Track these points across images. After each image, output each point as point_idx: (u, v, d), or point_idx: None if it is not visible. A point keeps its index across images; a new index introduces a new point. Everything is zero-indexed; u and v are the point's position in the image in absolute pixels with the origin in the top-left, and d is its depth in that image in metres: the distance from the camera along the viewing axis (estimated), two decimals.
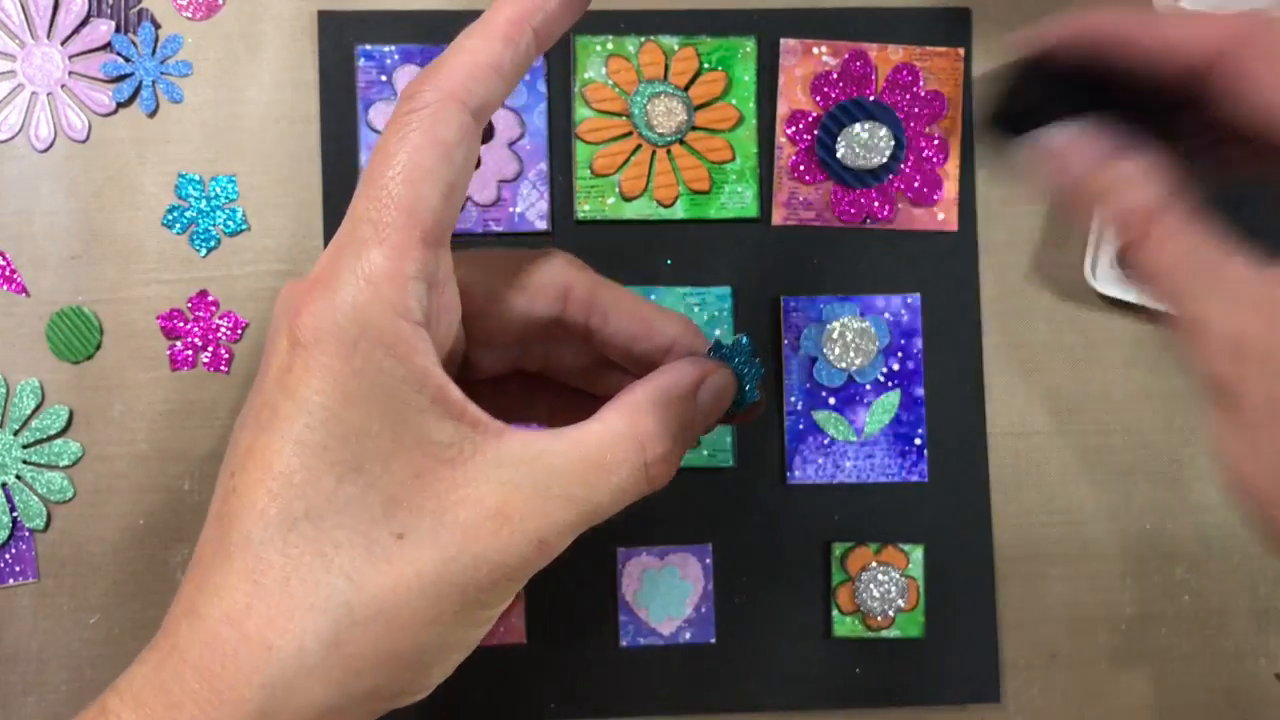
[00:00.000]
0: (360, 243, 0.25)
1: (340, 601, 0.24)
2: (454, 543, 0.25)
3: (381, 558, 0.24)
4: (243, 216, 0.44)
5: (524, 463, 0.26)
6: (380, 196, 0.25)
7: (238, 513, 0.25)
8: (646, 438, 0.27)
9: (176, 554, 0.43)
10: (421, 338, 0.25)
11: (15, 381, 0.43)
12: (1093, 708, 0.45)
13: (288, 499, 0.24)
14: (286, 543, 0.24)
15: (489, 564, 0.25)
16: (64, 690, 0.42)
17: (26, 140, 0.43)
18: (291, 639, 0.24)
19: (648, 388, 0.28)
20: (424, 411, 0.25)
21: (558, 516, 0.26)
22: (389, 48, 0.44)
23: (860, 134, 0.44)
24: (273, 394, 0.25)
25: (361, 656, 0.24)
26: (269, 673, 0.24)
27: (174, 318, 0.43)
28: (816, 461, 0.44)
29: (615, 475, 0.27)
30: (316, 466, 0.24)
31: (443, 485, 0.25)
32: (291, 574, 0.24)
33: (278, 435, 0.25)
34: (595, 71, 0.44)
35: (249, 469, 0.25)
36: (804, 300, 0.45)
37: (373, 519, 0.25)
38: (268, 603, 0.24)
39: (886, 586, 0.44)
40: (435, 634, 0.25)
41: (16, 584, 0.43)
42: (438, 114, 0.26)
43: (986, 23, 0.45)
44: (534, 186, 0.44)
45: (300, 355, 0.25)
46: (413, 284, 0.25)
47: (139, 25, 0.43)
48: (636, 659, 0.44)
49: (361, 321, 0.24)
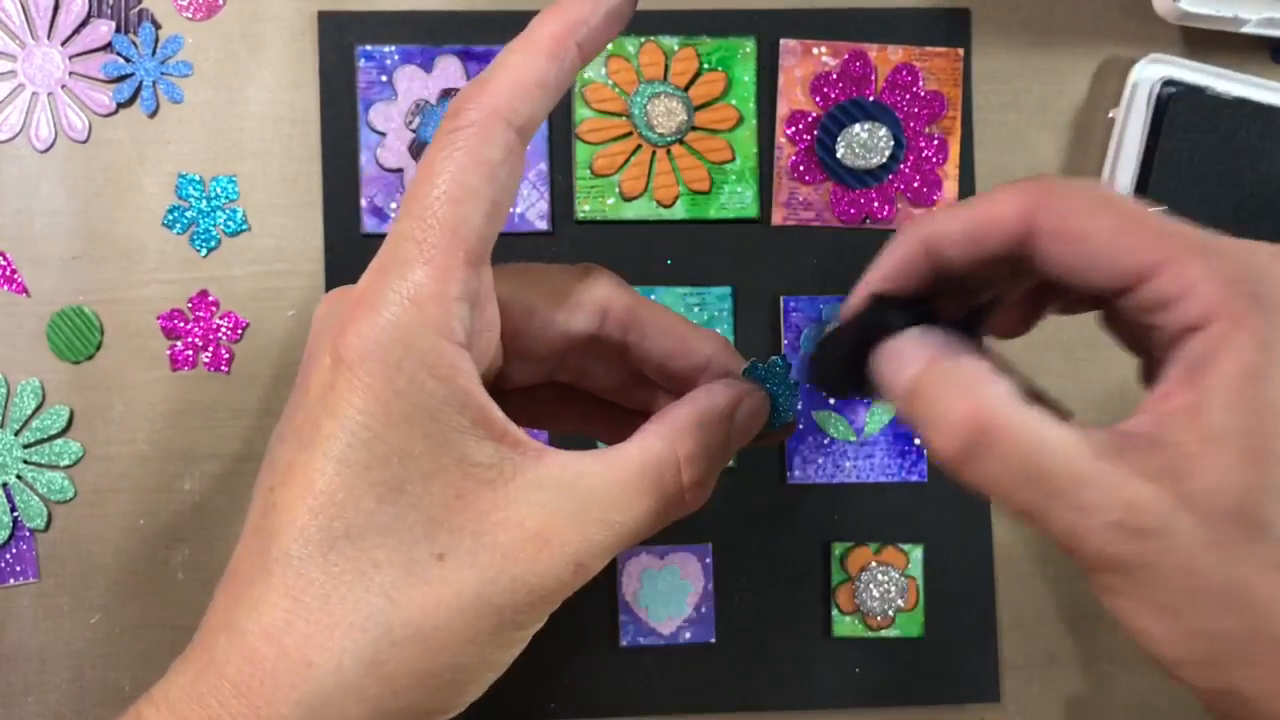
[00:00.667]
0: (404, 262, 0.25)
1: (380, 621, 0.24)
2: (493, 564, 0.25)
3: (421, 578, 0.24)
4: (243, 217, 0.44)
5: (563, 485, 0.26)
6: (424, 216, 0.25)
7: (277, 529, 0.25)
8: (685, 461, 0.27)
9: (177, 554, 0.43)
10: (464, 359, 0.25)
11: (16, 381, 0.43)
12: (1093, 708, 0.45)
13: (329, 517, 0.24)
14: (327, 560, 0.24)
15: (527, 586, 0.25)
16: (64, 690, 0.42)
17: (27, 140, 0.43)
18: (330, 657, 0.24)
19: (685, 410, 0.28)
20: (465, 433, 0.25)
21: (596, 539, 0.26)
22: (389, 48, 0.44)
23: (860, 134, 0.44)
24: (315, 410, 0.25)
25: (400, 676, 0.24)
26: (307, 690, 0.24)
27: (174, 318, 0.43)
28: (816, 461, 0.44)
29: (653, 499, 0.27)
30: (358, 486, 0.25)
31: (483, 506, 0.25)
32: (331, 592, 0.24)
33: (319, 453, 0.25)
34: (595, 71, 0.44)
35: (289, 485, 0.25)
36: (804, 300, 0.45)
37: (413, 539, 0.25)
38: (307, 620, 0.24)
39: (886, 586, 0.44)
40: (472, 654, 0.25)
41: (17, 584, 0.43)
42: (482, 132, 0.26)
43: (986, 23, 0.45)
44: (534, 186, 0.44)
45: (344, 374, 0.25)
46: (456, 305, 0.25)
47: (139, 25, 0.43)
48: (636, 659, 0.44)
49: (405, 343, 0.24)
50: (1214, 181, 0.43)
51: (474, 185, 0.25)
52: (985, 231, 0.26)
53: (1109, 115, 0.45)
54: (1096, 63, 0.46)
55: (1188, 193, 0.43)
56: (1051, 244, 0.25)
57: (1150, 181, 0.43)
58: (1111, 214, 0.24)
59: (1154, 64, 0.44)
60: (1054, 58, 0.46)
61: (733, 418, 0.29)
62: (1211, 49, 0.45)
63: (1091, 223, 0.24)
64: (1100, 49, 0.46)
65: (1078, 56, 0.46)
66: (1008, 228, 0.25)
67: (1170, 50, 0.45)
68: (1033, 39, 0.46)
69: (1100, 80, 0.46)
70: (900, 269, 0.28)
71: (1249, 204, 0.43)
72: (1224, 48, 0.45)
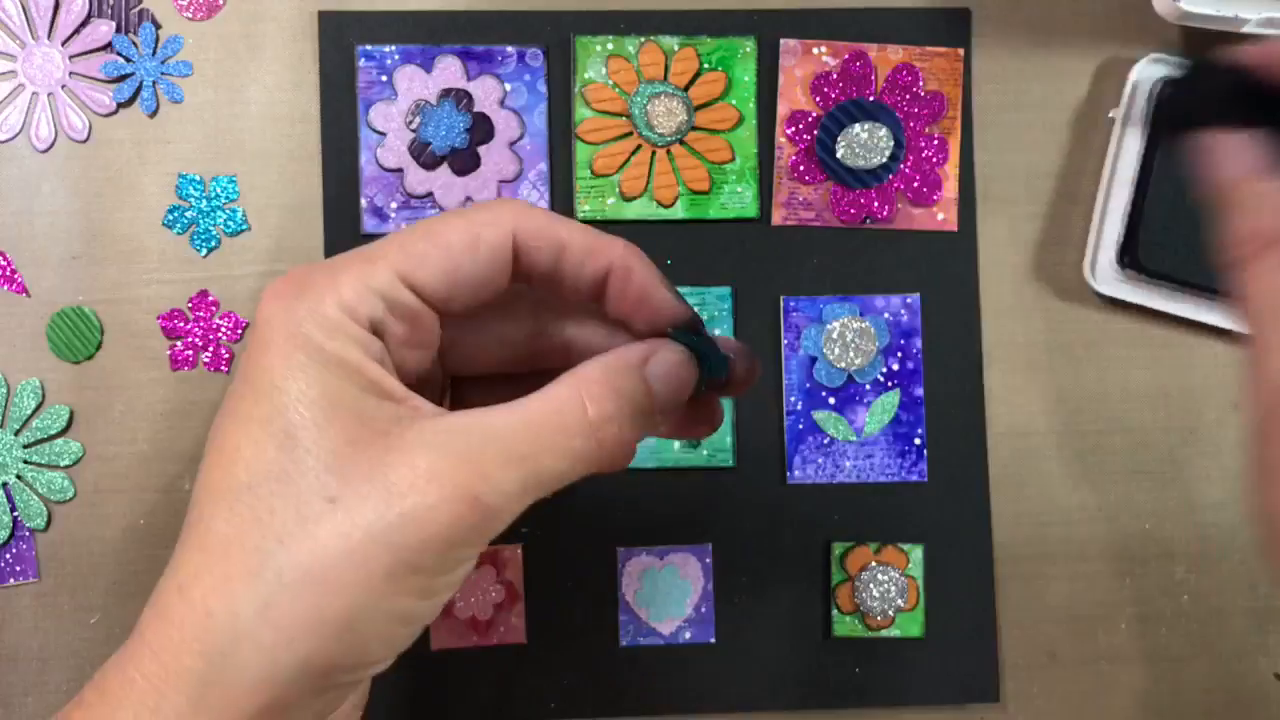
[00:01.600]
0: (349, 256, 0.27)
1: (273, 565, 0.24)
2: (382, 502, 0.25)
3: (312, 520, 0.25)
4: (243, 216, 0.44)
5: (459, 429, 0.26)
6: (397, 235, 0.28)
7: (198, 494, 0.26)
8: (589, 398, 0.27)
9: None
10: (368, 341, 0.26)
11: (16, 381, 0.43)
12: (1093, 708, 0.45)
13: (234, 471, 0.25)
14: (232, 512, 0.25)
15: (416, 521, 0.25)
16: (64, 690, 0.42)
17: (27, 140, 0.43)
18: (227, 604, 0.24)
19: (593, 360, 0.29)
20: (364, 391, 0.26)
21: (495, 475, 0.26)
22: (389, 48, 0.44)
23: (860, 134, 0.44)
24: (235, 379, 0.27)
25: (292, 623, 0.24)
26: (208, 640, 0.24)
27: (174, 318, 0.43)
28: (816, 461, 0.44)
29: (560, 435, 0.27)
30: (259, 438, 0.25)
31: (376, 451, 0.25)
32: (232, 541, 0.25)
33: (231, 415, 0.26)
34: (595, 72, 0.44)
35: (209, 452, 0.26)
36: (804, 300, 0.45)
37: (306, 485, 0.25)
38: (211, 570, 0.25)
39: (886, 586, 0.44)
40: (366, 599, 0.25)
41: (17, 584, 0.43)
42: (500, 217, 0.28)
43: (987, 23, 0.45)
44: (534, 186, 0.44)
45: (254, 335, 0.26)
46: (370, 295, 0.27)
47: (139, 25, 0.43)
48: (636, 659, 0.44)
49: (312, 306, 0.26)
50: None
51: (449, 242, 0.28)
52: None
53: (1109, 115, 0.45)
54: (1096, 63, 0.46)
55: (1187, 192, 0.43)
56: None
57: (1150, 181, 0.43)
58: None
59: (1154, 64, 0.44)
60: (1054, 58, 0.46)
61: (644, 367, 0.29)
62: (1211, 49, 0.45)
63: None
64: (1100, 49, 0.46)
65: (1078, 56, 0.46)
66: None
67: (1170, 50, 0.45)
68: (1033, 39, 0.46)
69: (1100, 80, 0.46)
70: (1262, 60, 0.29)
71: None
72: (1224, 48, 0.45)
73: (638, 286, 0.30)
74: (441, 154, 0.44)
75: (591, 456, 0.27)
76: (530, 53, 0.44)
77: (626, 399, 0.28)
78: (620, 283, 0.30)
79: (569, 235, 0.29)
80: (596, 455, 0.27)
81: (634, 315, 0.31)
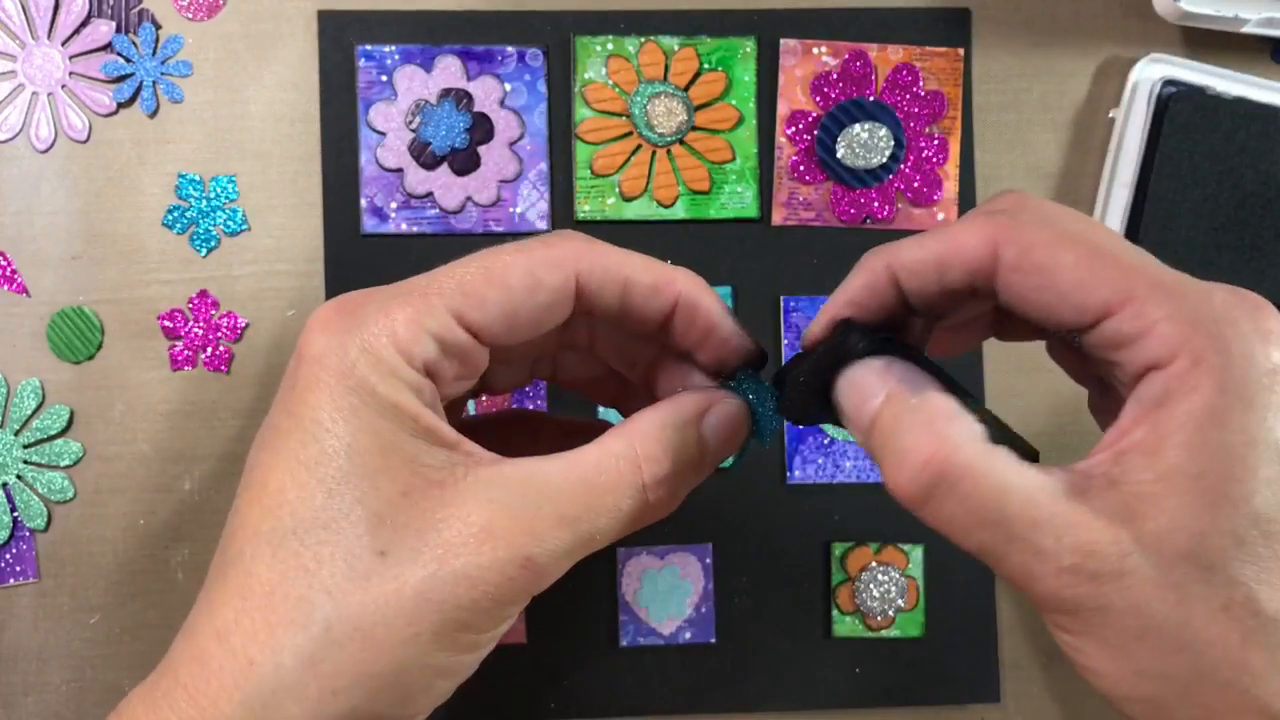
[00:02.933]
0: (397, 293, 0.26)
1: (320, 618, 0.24)
2: (435, 559, 0.24)
3: (362, 574, 0.24)
4: (243, 216, 0.44)
5: (514, 483, 0.26)
6: (453, 269, 0.27)
7: (235, 531, 0.25)
8: (644, 459, 0.27)
9: (176, 554, 0.43)
10: (420, 383, 0.26)
11: (16, 381, 0.43)
12: (1093, 708, 0.45)
13: (278, 515, 0.25)
14: (275, 558, 0.24)
15: (469, 580, 0.24)
16: (64, 690, 0.42)
17: (27, 140, 0.43)
18: (271, 655, 0.24)
19: (649, 413, 0.28)
20: (416, 437, 0.25)
21: (548, 536, 0.25)
22: (389, 48, 0.44)
23: (860, 134, 0.44)
24: (276, 412, 0.26)
25: (339, 675, 0.24)
26: (248, 689, 0.24)
27: (174, 318, 0.43)
28: (816, 461, 0.44)
29: (611, 496, 0.26)
30: (308, 482, 0.25)
31: (429, 504, 0.25)
32: (276, 589, 0.24)
33: (275, 451, 0.25)
34: (595, 72, 0.44)
35: (249, 486, 0.25)
36: (804, 300, 0.45)
37: (357, 535, 0.24)
38: (253, 618, 0.24)
39: (886, 586, 0.44)
40: (413, 654, 0.24)
41: (17, 584, 0.43)
42: (554, 259, 0.27)
43: (987, 23, 0.45)
44: (534, 186, 0.44)
45: (303, 370, 0.25)
46: (425, 336, 0.26)
47: (139, 25, 0.43)
48: (636, 659, 0.44)
49: (363, 345, 0.25)
50: (1214, 181, 0.43)
51: (510, 284, 0.26)
52: (949, 262, 0.26)
53: (1109, 115, 0.45)
54: (1097, 63, 0.46)
55: (1188, 193, 0.43)
56: (1014, 277, 0.25)
57: (1150, 181, 0.43)
58: (1075, 249, 0.24)
59: (1154, 64, 0.44)
60: (1054, 58, 0.46)
61: (700, 422, 0.29)
62: (1212, 49, 0.45)
63: (1055, 258, 0.24)
64: (1100, 49, 0.46)
65: (1078, 56, 0.46)
66: (971, 259, 0.25)
67: (1170, 50, 0.45)
68: (1033, 39, 0.46)
69: (1100, 80, 0.46)
70: (864, 295, 0.27)
71: (1249, 204, 0.43)
72: (1224, 48, 0.45)
73: (704, 322, 0.29)
74: (441, 154, 0.44)
75: (642, 515, 0.27)
76: (530, 53, 0.44)
77: (681, 458, 0.28)
78: (686, 318, 0.29)
79: (633, 272, 0.28)
80: (647, 514, 0.27)
81: (698, 349, 0.30)
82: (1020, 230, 0.25)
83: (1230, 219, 0.43)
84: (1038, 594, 0.24)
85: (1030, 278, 0.24)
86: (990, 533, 0.23)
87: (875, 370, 0.26)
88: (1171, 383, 0.23)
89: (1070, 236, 0.24)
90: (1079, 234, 0.24)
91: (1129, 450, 0.23)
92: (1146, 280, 0.24)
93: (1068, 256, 0.24)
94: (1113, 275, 0.24)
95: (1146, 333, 0.23)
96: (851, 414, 0.27)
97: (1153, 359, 0.23)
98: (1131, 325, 0.23)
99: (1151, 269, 0.24)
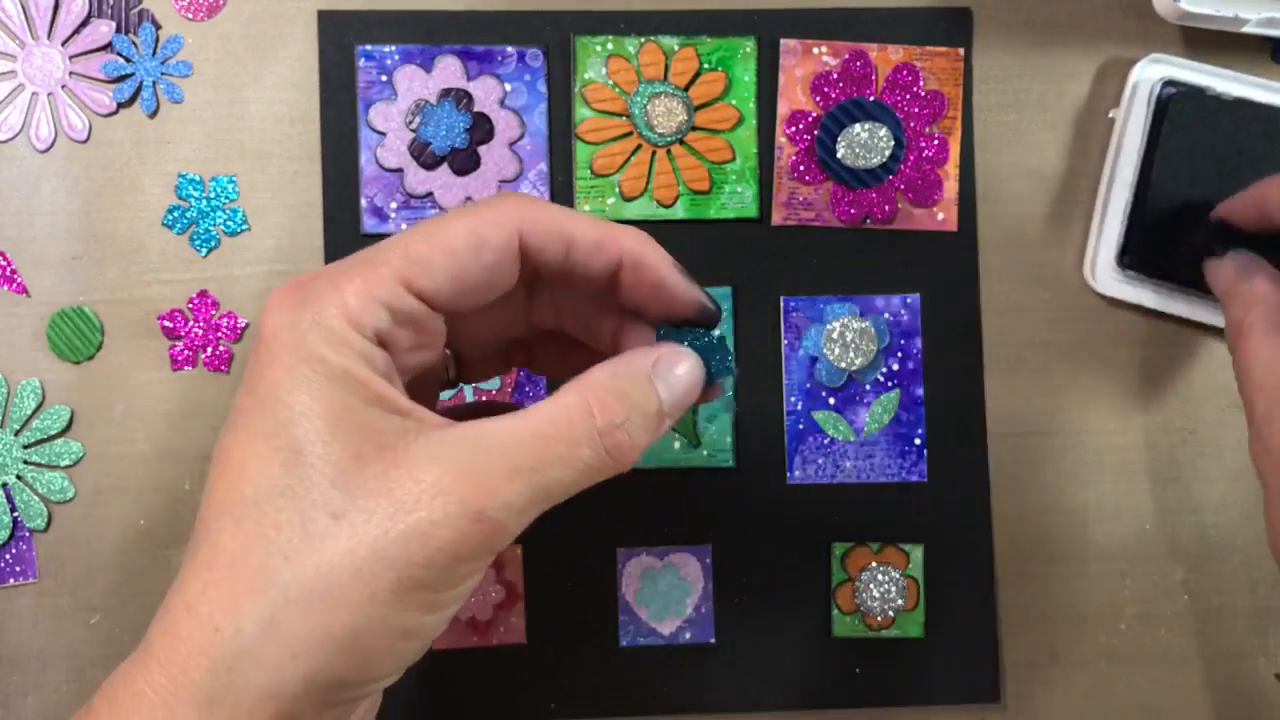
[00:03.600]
0: (351, 262, 0.27)
1: (278, 582, 0.24)
2: (387, 517, 0.25)
3: (316, 536, 0.25)
4: (243, 216, 0.44)
5: (466, 441, 0.26)
6: (399, 239, 0.27)
7: (203, 510, 0.26)
8: (597, 405, 0.27)
9: (176, 554, 0.43)
10: (373, 352, 0.26)
11: (16, 381, 0.43)
12: (1093, 708, 0.45)
13: (239, 488, 0.25)
14: (239, 528, 0.25)
15: (421, 536, 0.25)
16: (64, 690, 0.42)
17: (27, 140, 0.43)
18: (232, 620, 0.24)
19: (603, 365, 0.28)
20: (368, 404, 0.26)
21: (501, 489, 0.25)
22: (389, 48, 0.44)
23: (860, 134, 0.44)
24: (240, 394, 0.27)
25: (297, 638, 0.24)
26: (214, 654, 0.24)
27: (174, 318, 0.43)
28: (816, 461, 0.44)
29: (565, 445, 0.27)
30: (264, 453, 0.25)
31: (381, 466, 0.25)
32: (238, 557, 0.25)
33: (237, 429, 0.26)
34: (595, 72, 0.44)
35: (214, 466, 0.26)
36: (804, 300, 0.45)
37: (312, 501, 0.25)
38: (219, 587, 0.25)
39: (886, 586, 0.44)
40: (372, 615, 0.25)
41: (17, 584, 0.43)
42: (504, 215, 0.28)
43: (987, 23, 0.45)
44: (534, 186, 0.44)
45: (260, 348, 0.26)
46: (374, 305, 0.26)
47: (139, 25, 0.43)
48: (636, 659, 0.44)
49: (315, 318, 0.26)
50: (1214, 181, 0.43)
51: (454, 246, 0.27)
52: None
53: (1109, 115, 0.45)
54: (1097, 63, 0.46)
55: (1188, 193, 0.43)
56: None
57: (1150, 182, 0.43)
58: None
59: (1154, 64, 0.44)
60: (1054, 58, 0.46)
61: (653, 373, 0.29)
62: (1212, 49, 0.45)
63: None
64: (1101, 49, 0.46)
65: (1078, 56, 0.46)
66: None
67: (1170, 50, 0.45)
68: (1033, 39, 0.46)
69: (1101, 80, 0.46)
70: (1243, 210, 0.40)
71: None
72: (1224, 48, 0.45)
73: (651, 277, 0.30)
74: (441, 154, 0.44)
75: (600, 465, 0.27)
76: (530, 53, 0.44)
77: (636, 406, 0.28)
78: (632, 274, 0.30)
79: (576, 228, 0.29)
80: (604, 463, 0.27)
81: (648, 305, 0.30)
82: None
83: None
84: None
85: None
86: None
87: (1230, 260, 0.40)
88: None
89: None
90: None
91: None
92: None
93: None
94: None
95: None
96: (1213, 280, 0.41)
97: None
98: None
99: None
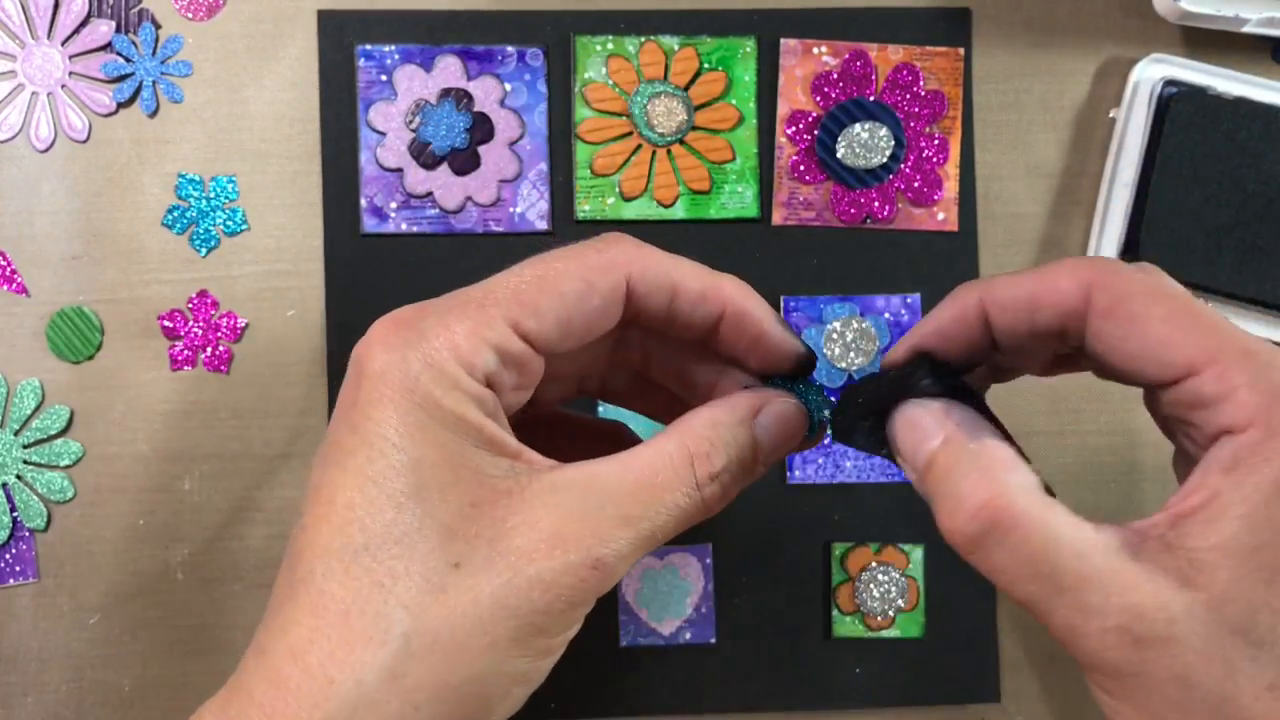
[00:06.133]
0: (452, 306, 0.26)
1: (398, 633, 0.24)
2: (508, 567, 0.25)
3: (438, 587, 0.24)
4: (243, 216, 0.44)
5: (577, 486, 0.26)
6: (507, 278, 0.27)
7: (303, 549, 0.25)
8: (696, 456, 0.27)
9: (176, 554, 0.43)
10: (482, 394, 0.26)
11: (15, 381, 0.43)
12: (1093, 708, 0.45)
13: (349, 532, 0.25)
14: (348, 575, 0.24)
15: (543, 585, 0.25)
16: (64, 690, 0.42)
17: (27, 140, 0.43)
18: (351, 672, 0.24)
19: (702, 411, 0.28)
20: (480, 448, 0.26)
21: (613, 536, 0.26)
22: (389, 48, 0.44)
23: (860, 134, 0.44)
24: (339, 429, 0.26)
25: (419, 689, 0.24)
26: (329, 708, 0.24)
27: (174, 318, 0.43)
28: (816, 461, 0.44)
29: (668, 494, 0.27)
30: (377, 498, 0.25)
31: (498, 513, 0.25)
32: (351, 606, 0.24)
33: (341, 469, 0.25)
34: (595, 71, 0.44)
35: (315, 504, 0.25)
36: (804, 300, 0.45)
37: (430, 549, 0.25)
38: (329, 636, 0.24)
39: (886, 586, 0.44)
40: (492, 663, 0.25)
41: (16, 584, 0.43)
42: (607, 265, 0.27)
43: (987, 22, 0.45)
44: (534, 186, 0.44)
45: (365, 387, 0.25)
46: (485, 348, 0.26)
47: (139, 25, 0.43)
48: (636, 659, 0.44)
49: (426, 359, 0.25)
50: (1215, 181, 0.43)
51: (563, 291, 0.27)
52: (1042, 302, 0.26)
53: (1110, 115, 0.45)
54: (1097, 63, 0.46)
55: (1188, 193, 0.43)
56: (1104, 324, 0.25)
57: (1151, 181, 0.43)
58: (1168, 304, 0.24)
59: (1155, 64, 0.44)
60: (1055, 58, 0.46)
61: (753, 420, 0.29)
62: (1212, 49, 0.45)
63: (1148, 309, 0.24)
64: (1101, 49, 0.46)
65: (1078, 56, 0.46)
66: (1064, 301, 0.26)
67: (1171, 50, 0.45)
68: (1033, 39, 0.46)
69: (1101, 80, 0.46)
70: (953, 327, 0.28)
71: (1250, 204, 0.43)
72: (1224, 48, 0.45)
73: (753, 330, 0.30)
74: (441, 154, 0.44)
75: (695, 512, 0.28)
76: (530, 53, 0.44)
77: (733, 455, 0.28)
78: (734, 325, 0.30)
79: (682, 278, 0.29)
80: (700, 511, 0.28)
81: (746, 356, 0.30)
82: (1116, 277, 0.25)
83: (1231, 219, 0.43)
84: (1081, 652, 0.23)
85: (1120, 326, 0.25)
86: (1039, 585, 0.23)
87: (934, 412, 0.26)
88: (1242, 451, 0.23)
89: (1164, 291, 0.25)
90: (1173, 291, 0.25)
91: (1189, 514, 0.23)
92: (1234, 345, 0.24)
93: (1160, 310, 0.24)
94: (1201, 335, 0.24)
95: (1227, 397, 0.23)
96: (908, 452, 0.27)
97: (1229, 424, 0.23)
98: (1213, 387, 0.23)
99: (1239, 334, 0.24)
